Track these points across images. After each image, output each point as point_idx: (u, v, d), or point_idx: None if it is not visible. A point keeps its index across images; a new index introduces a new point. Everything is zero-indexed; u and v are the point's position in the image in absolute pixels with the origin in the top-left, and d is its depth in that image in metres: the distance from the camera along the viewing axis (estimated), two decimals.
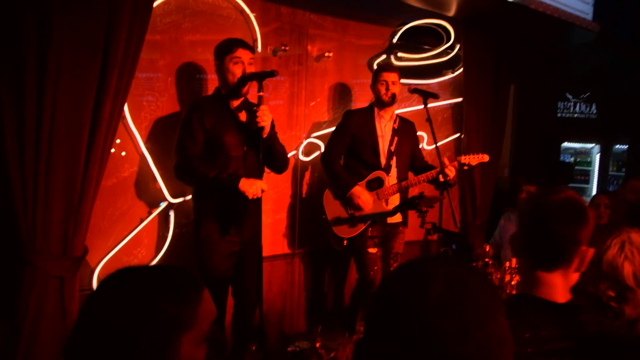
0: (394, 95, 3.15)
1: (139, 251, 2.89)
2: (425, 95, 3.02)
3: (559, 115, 6.88)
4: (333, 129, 3.48)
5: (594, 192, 6.58)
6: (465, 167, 3.19)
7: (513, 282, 3.04)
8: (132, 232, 2.83)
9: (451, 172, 3.02)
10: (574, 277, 1.31)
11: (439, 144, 4.03)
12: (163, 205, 2.92)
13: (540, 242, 1.31)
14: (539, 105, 5.87)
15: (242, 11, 3.13)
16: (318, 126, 3.62)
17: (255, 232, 2.67)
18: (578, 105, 6.83)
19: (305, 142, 3.53)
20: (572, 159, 6.81)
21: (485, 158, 3.18)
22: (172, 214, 2.95)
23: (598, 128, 6.62)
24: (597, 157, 6.66)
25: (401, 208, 3.17)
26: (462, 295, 0.77)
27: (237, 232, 2.65)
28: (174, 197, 2.95)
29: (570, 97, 6.90)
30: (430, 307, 0.75)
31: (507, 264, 3.21)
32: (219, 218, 2.61)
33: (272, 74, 2.46)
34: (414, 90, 3.09)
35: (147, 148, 2.83)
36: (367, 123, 3.20)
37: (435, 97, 3.15)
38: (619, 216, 3.60)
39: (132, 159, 2.82)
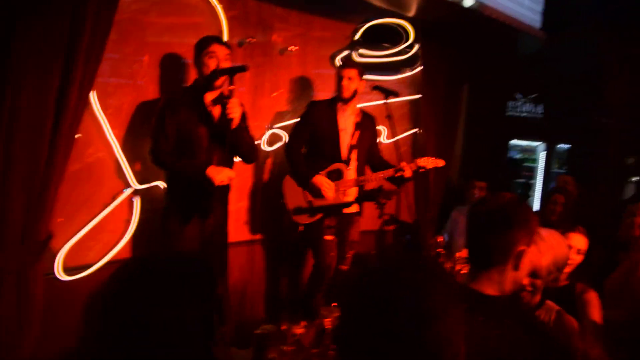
0: (351, 91, 3.25)
1: (103, 236, 2.91)
2: (387, 92, 3.16)
3: (508, 114, 7.18)
4: (295, 120, 3.58)
5: (539, 187, 6.97)
6: (422, 170, 3.32)
7: (462, 272, 3.25)
8: (97, 218, 2.85)
9: (408, 172, 3.18)
10: (514, 274, 1.40)
11: (396, 138, 4.23)
12: (128, 191, 2.95)
13: (475, 247, 1.45)
14: (489, 104, 6.15)
15: (209, 2, 3.17)
16: (281, 117, 3.71)
17: (220, 219, 2.77)
18: (526, 105, 7.16)
19: (268, 133, 3.62)
20: (518, 156, 7.17)
21: (441, 163, 3.34)
22: (137, 199, 2.98)
23: (543, 127, 6.97)
24: (542, 155, 7.04)
25: (361, 199, 3.31)
26: (418, 301, 0.90)
27: (201, 218, 2.73)
28: (140, 182, 2.98)
29: (519, 96, 7.22)
30: (390, 309, 0.89)
31: (458, 254, 3.43)
32: (185, 204, 2.71)
33: (242, 68, 2.56)
34: (376, 87, 3.22)
35: (114, 133, 2.85)
36: (328, 115, 3.30)
37: (396, 95, 3.30)
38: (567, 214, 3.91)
39: (97, 144, 2.83)
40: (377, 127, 3.64)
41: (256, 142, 3.50)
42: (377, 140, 3.68)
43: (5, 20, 2.14)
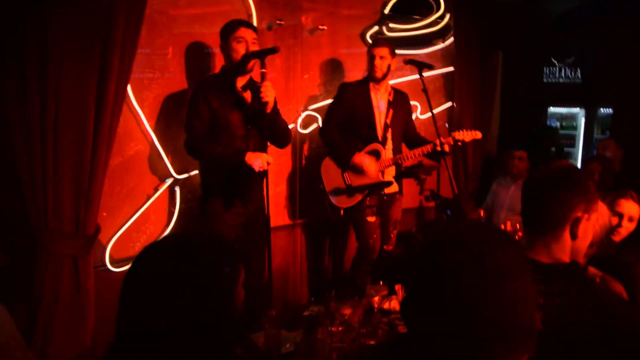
0: (384, 70, 3.20)
1: (147, 227, 2.97)
2: (420, 65, 3.08)
3: (544, 80, 6.95)
4: (329, 101, 3.54)
5: (580, 155, 6.74)
6: (460, 144, 3.26)
7: None
8: (140, 209, 2.90)
9: (445, 147, 3.11)
10: (571, 244, 1.36)
11: (431, 112, 4.14)
12: (169, 181, 2.99)
13: (531, 211, 1.41)
14: (525, 72, 5.95)
15: None
16: (314, 99, 3.68)
17: (260, 204, 2.79)
18: (563, 70, 6.91)
19: (303, 115, 3.59)
20: (557, 124, 6.93)
21: (479, 135, 3.27)
22: (177, 189, 3.02)
23: (583, 92, 6.72)
24: (582, 122, 6.79)
25: (401, 176, 3.26)
26: (484, 259, 0.86)
27: (242, 204, 2.75)
28: (179, 173, 3.01)
29: (555, 61, 6.97)
30: (458, 271, 0.85)
31: (502, 226, 3.35)
32: (225, 191, 2.72)
33: (273, 50, 2.52)
34: (409, 61, 3.14)
35: (151, 126, 2.88)
36: (362, 96, 3.25)
37: (430, 67, 3.21)
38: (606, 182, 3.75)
39: (136, 137, 2.87)
40: (412, 103, 3.57)
41: (290, 126, 3.49)
42: (412, 117, 3.61)
43: (40, 17, 2.16)
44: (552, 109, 6.96)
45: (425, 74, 3.14)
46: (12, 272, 2.39)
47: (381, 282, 2.26)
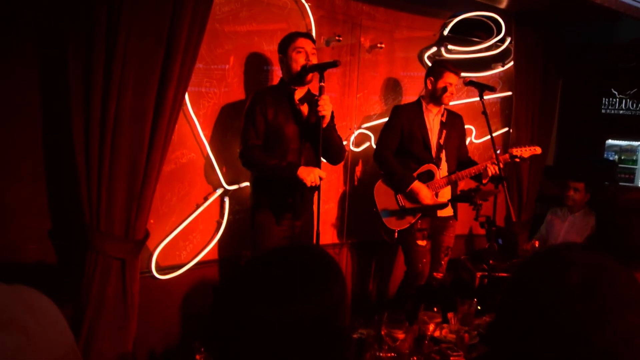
0: (454, 97, 3.18)
1: (194, 236, 2.95)
2: (482, 87, 2.99)
3: (603, 111, 6.70)
4: (384, 120, 3.48)
5: None
6: (517, 160, 3.15)
7: None
8: (189, 217, 2.89)
9: (500, 164, 2.99)
10: None
11: (488, 137, 4.01)
12: (219, 191, 2.97)
13: (630, 241, 1.31)
14: (583, 101, 5.75)
15: (298, 1, 3.15)
16: (368, 117, 3.63)
17: (309, 219, 2.73)
18: (624, 101, 6.64)
19: (356, 133, 3.54)
20: (615, 157, 6.62)
21: (538, 150, 3.14)
22: (227, 200, 3.00)
23: None
24: None
25: (457, 200, 3.14)
26: (601, 284, 0.77)
27: (292, 219, 2.70)
28: (229, 184, 3.00)
29: (615, 93, 6.71)
30: (568, 295, 0.75)
31: None
32: (276, 204, 2.68)
33: (334, 64, 2.48)
34: (470, 82, 3.05)
35: (206, 135, 2.88)
36: (416, 117, 3.19)
37: (492, 89, 3.11)
38: None
39: (190, 145, 2.87)
40: (466, 126, 3.47)
41: (344, 143, 3.44)
42: (467, 141, 3.50)
43: (109, 17, 2.20)
44: (610, 141, 6.68)
45: (487, 96, 3.05)
46: (62, 270, 2.40)
47: (435, 309, 2.15)
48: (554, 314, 0.75)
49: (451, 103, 3.52)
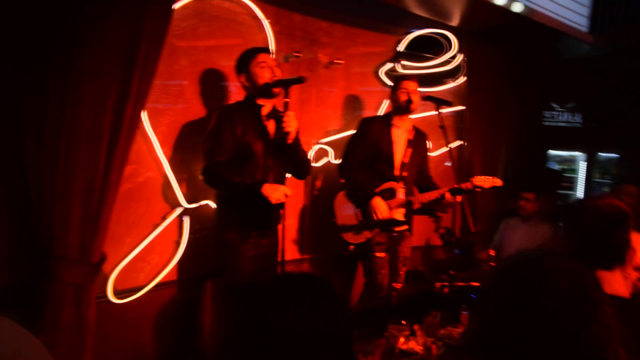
0: (411, 103, 3.15)
1: (152, 257, 2.85)
2: (439, 102, 3.06)
3: (545, 123, 7.02)
4: (343, 135, 3.49)
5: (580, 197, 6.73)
6: (478, 190, 3.16)
7: None
8: (147, 239, 2.79)
9: (464, 187, 3.05)
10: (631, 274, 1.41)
11: (440, 151, 4.12)
12: (178, 210, 2.89)
13: (599, 245, 1.38)
14: (526, 114, 6.01)
15: (256, 17, 3.13)
16: (327, 132, 3.64)
17: (275, 236, 2.70)
18: (564, 114, 7.00)
19: (315, 148, 3.54)
20: (557, 167, 6.97)
21: (498, 182, 3.16)
22: (186, 219, 2.91)
23: (583, 137, 6.79)
24: (582, 165, 6.83)
25: (418, 213, 3.19)
26: (583, 290, 0.80)
27: (259, 236, 2.65)
28: (189, 202, 2.92)
29: (555, 106, 7.06)
30: (556, 301, 0.78)
31: None
32: (242, 222, 2.62)
33: (300, 80, 2.47)
34: (428, 97, 3.12)
35: (164, 153, 2.79)
36: (383, 132, 3.20)
37: (449, 104, 3.19)
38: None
39: (147, 163, 2.78)
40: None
41: None
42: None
43: (68, 29, 2.11)
44: (551, 152, 7.01)
45: (434, 112, 3.11)
46: (12, 297, 2.26)
47: (403, 322, 2.16)
48: (545, 320, 0.78)
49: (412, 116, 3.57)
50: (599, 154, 6.96)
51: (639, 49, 5.30)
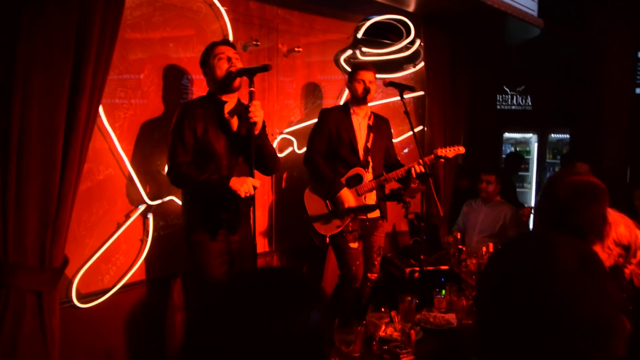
0: (368, 92, 3.17)
1: (117, 258, 2.73)
2: (402, 87, 3.06)
3: (498, 107, 7.22)
4: (305, 124, 3.46)
5: (534, 178, 6.97)
6: (442, 160, 3.24)
7: None
8: (111, 238, 2.67)
9: (423, 167, 3.08)
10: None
11: (402, 137, 4.14)
12: (142, 208, 2.78)
13: (575, 219, 1.40)
14: (480, 98, 6.15)
15: (212, 4, 3.04)
16: (289, 122, 3.59)
17: (247, 231, 2.64)
18: (515, 97, 7.20)
19: (278, 139, 3.48)
20: (512, 149, 7.17)
21: (462, 150, 3.24)
22: (150, 216, 2.81)
23: (534, 119, 7.02)
24: (535, 146, 7.05)
25: (386, 199, 3.19)
26: (588, 262, 0.80)
27: (228, 234, 2.58)
28: (152, 199, 2.81)
29: (507, 89, 7.26)
30: (566, 272, 0.78)
31: (484, 248, 3.34)
32: (211, 219, 2.54)
33: (265, 68, 2.41)
34: (390, 83, 3.12)
35: (123, 148, 2.68)
36: (343, 120, 3.19)
37: (412, 89, 3.20)
38: None
39: (107, 160, 2.66)
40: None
41: None
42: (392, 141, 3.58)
43: (8, 22, 1.97)
44: (506, 135, 7.21)
45: (395, 98, 3.14)
46: None
47: (383, 309, 2.15)
48: (554, 292, 0.78)
49: (373, 103, 3.59)
50: (551, 135, 7.21)
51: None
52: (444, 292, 2.84)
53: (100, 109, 2.53)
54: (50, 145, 2.15)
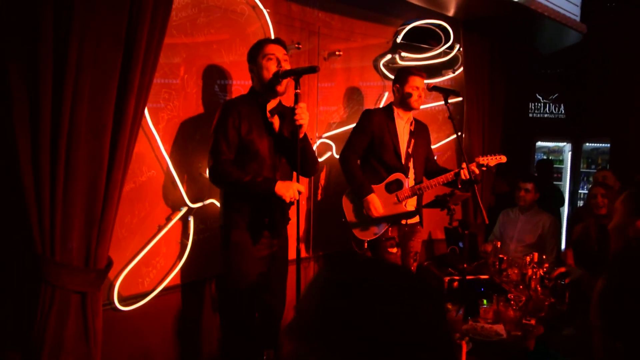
0: (421, 101, 3.15)
1: (157, 261, 2.70)
2: (447, 92, 2.99)
3: (530, 115, 7.09)
4: (345, 129, 3.41)
5: (567, 188, 6.81)
6: (484, 168, 3.16)
7: (536, 277, 3.05)
8: (152, 241, 2.64)
9: (476, 170, 3.02)
10: None
11: (438, 144, 4.06)
12: (183, 210, 2.74)
13: None
14: (513, 106, 6.04)
15: (255, 6, 3.01)
16: (328, 126, 3.55)
17: (285, 235, 2.59)
18: (548, 105, 7.07)
19: (318, 143, 3.43)
20: (544, 157, 7.02)
21: (503, 159, 3.16)
22: (191, 219, 2.78)
23: (568, 127, 6.87)
24: (569, 155, 6.89)
25: (431, 206, 3.11)
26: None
27: (271, 237, 2.53)
28: (193, 202, 2.78)
29: (540, 97, 7.13)
30: None
31: (528, 258, 3.23)
32: (253, 222, 2.49)
33: (313, 69, 2.35)
34: (434, 88, 3.05)
35: (166, 150, 2.65)
36: (387, 123, 3.14)
37: (457, 94, 3.14)
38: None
39: (149, 162, 2.64)
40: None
41: None
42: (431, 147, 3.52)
43: (62, 17, 1.95)
44: (539, 143, 7.06)
45: (432, 104, 3.12)
46: (11, 309, 2.09)
47: None
48: None
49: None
50: (586, 144, 7.04)
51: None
52: (485, 302, 2.76)
53: (145, 109, 2.52)
54: (98, 144, 2.12)
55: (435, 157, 3.43)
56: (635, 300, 0.85)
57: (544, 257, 3.28)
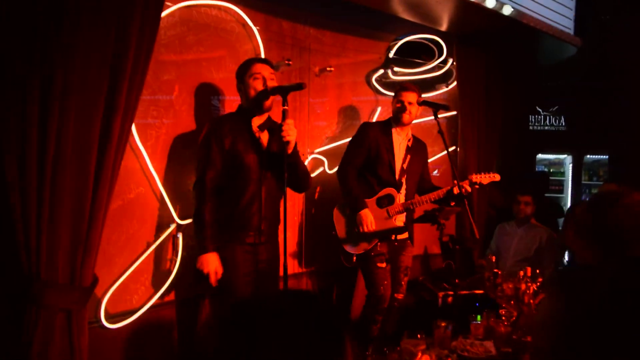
0: (413, 116, 3.14)
1: (146, 278, 2.70)
2: (436, 106, 3.00)
3: (530, 128, 7.06)
4: (336, 144, 3.41)
5: (569, 200, 6.75)
6: (477, 186, 3.14)
7: (530, 291, 3.01)
8: (140, 258, 2.64)
9: (469, 188, 3.01)
10: None
11: (432, 158, 4.06)
12: (172, 227, 2.75)
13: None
14: (512, 119, 6.02)
15: (245, 24, 3.04)
16: (320, 142, 3.55)
17: (274, 251, 2.59)
18: (548, 118, 7.04)
19: (309, 159, 3.44)
20: (545, 170, 6.98)
21: (497, 177, 3.15)
22: (180, 236, 2.78)
23: (568, 139, 6.83)
24: (570, 168, 6.85)
25: (421, 221, 3.11)
26: None
27: (256, 252, 2.54)
28: (182, 218, 2.79)
29: (540, 110, 7.11)
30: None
31: (522, 273, 3.20)
32: (238, 238, 2.49)
33: (299, 86, 2.38)
34: (424, 102, 3.06)
35: (154, 167, 2.67)
36: (384, 138, 3.14)
37: (447, 108, 3.14)
38: None
39: (138, 179, 2.65)
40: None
41: None
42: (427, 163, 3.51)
43: (49, 38, 1.98)
44: (540, 156, 7.02)
45: (426, 118, 3.08)
46: None
47: (419, 336, 2.06)
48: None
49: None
50: (587, 156, 6.99)
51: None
52: (479, 317, 2.73)
53: (133, 127, 2.54)
54: (84, 163, 2.14)
55: (431, 175, 3.42)
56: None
57: (537, 271, 3.24)
